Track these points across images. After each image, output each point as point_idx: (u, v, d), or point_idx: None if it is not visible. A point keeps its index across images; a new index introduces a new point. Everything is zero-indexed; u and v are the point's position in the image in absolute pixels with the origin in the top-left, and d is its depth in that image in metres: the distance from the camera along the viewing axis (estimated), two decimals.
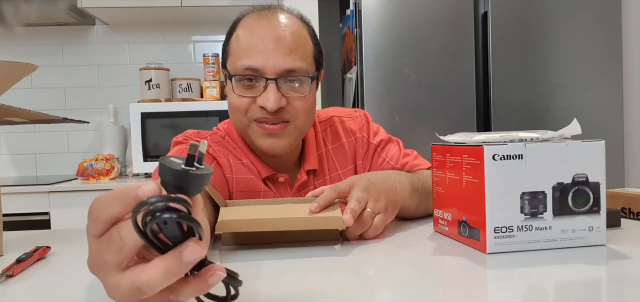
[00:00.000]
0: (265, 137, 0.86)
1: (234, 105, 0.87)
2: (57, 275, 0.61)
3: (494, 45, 1.89)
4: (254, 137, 0.88)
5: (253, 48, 0.83)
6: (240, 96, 0.85)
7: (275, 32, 0.84)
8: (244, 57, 0.84)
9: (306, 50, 0.87)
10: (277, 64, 0.83)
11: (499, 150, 0.62)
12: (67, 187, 1.99)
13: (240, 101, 0.86)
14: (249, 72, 0.84)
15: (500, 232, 0.63)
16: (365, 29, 1.86)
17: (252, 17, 0.87)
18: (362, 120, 1.05)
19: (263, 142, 0.87)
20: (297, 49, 0.85)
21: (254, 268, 0.60)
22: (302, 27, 0.88)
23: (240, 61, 0.84)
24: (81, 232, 0.87)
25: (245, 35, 0.85)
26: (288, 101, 0.85)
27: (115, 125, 2.46)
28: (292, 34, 0.85)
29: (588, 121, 1.92)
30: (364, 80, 1.87)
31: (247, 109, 0.86)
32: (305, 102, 0.87)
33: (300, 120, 0.88)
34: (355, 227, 0.71)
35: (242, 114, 0.87)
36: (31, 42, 2.51)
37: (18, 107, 0.69)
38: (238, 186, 0.91)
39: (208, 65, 2.42)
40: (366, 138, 1.03)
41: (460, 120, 1.90)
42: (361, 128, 1.03)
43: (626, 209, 0.85)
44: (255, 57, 0.83)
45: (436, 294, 0.49)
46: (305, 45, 0.87)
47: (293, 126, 0.88)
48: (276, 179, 0.94)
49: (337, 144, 1.01)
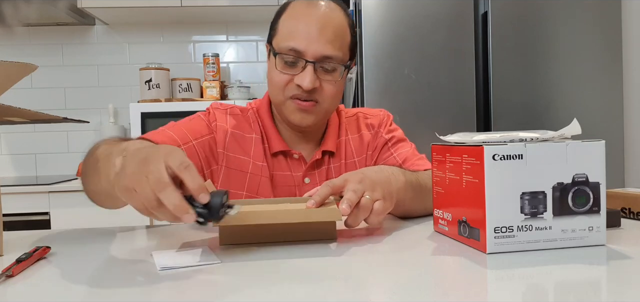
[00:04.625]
0: (297, 112, 0.97)
1: (275, 81, 0.97)
2: (57, 275, 0.61)
3: (494, 45, 1.89)
4: (288, 112, 0.98)
5: (298, 32, 0.93)
6: (281, 72, 0.95)
7: (320, 20, 0.93)
8: (290, 39, 0.94)
9: (344, 41, 0.97)
10: (317, 49, 0.93)
11: (499, 150, 0.62)
12: (67, 187, 1.99)
13: (281, 77, 0.96)
14: (292, 52, 0.93)
15: (500, 232, 0.63)
16: (365, 29, 1.86)
17: (301, 3, 0.97)
18: (383, 117, 1.13)
19: (295, 116, 0.97)
20: (336, 39, 0.94)
21: (253, 268, 0.60)
22: (343, 19, 0.97)
23: (286, 42, 0.94)
24: (81, 232, 0.87)
25: (293, 20, 0.95)
26: (320, 83, 0.95)
27: (116, 125, 2.46)
28: (334, 25, 0.94)
29: (588, 121, 1.92)
30: (364, 80, 1.87)
31: (285, 86, 0.96)
32: (334, 87, 0.97)
33: (327, 103, 0.98)
34: (355, 214, 0.72)
35: (280, 90, 0.96)
36: (31, 42, 2.51)
37: (18, 107, 0.69)
38: (228, 162, 1.01)
39: (208, 65, 2.42)
40: (381, 132, 1.10)
41: (460, 120, 1.90)
42: (380, 124, 1.11)
43: (626, 209, 0.85)
44: (299, 40, 0.93)
45: (436, 294, 0.49)
46: (343, 37, 0.97)
47: (320, 107, 0.98)
48: (291, 155, 1.04)
49: (356, 134, 1.10)
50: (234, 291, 0.52)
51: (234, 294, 0.51)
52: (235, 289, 0.52)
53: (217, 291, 0.53)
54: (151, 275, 0.59)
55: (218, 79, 2.44)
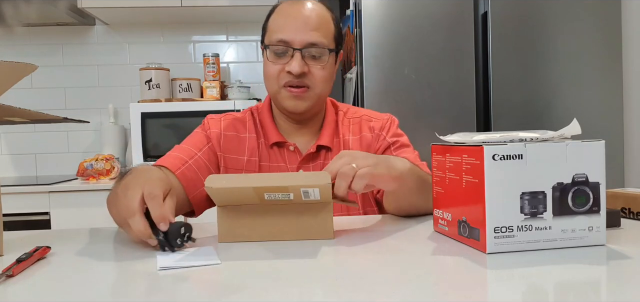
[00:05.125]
0: (290, 99, 1.04)
1: (268, 72, 1.05)
2: (57, 275, 0.61)
3: (494, 45, 1.89)
4: (282, 100, 1.05)
5: (285, 25, 1.03)
6: (273, 63, 1.04)
7: (305, 13, 1.03)
8: (278, 32, 1.03)
9: (328, 29, 1.05)
10: (303, 38, 1.01)
11: (499, 150, 0.62)
12: (67, 187, 1.99)
13: (273, 68, 1.04)
14: (281, 43, 1.02)
15: (500, 232, 0.63)
16: (365, 29, 1.86)
17: (286, 3, 1.07)
18: (388, 122, 1.15)
19: (289, 103, 1.04)
20: (320, 27, 1.03)
21: (252, 268, 0.60)
22: (325, 12, 1.07)
23: (275, 35, 1.03)
24: (81, 232, 0.87)
25: (281, 16, 1.05)
26: (309, 69, 1.03)
27: (116, 125, 2.46)
28: (316, 16, 1.04)
29: (588, 121, 1.92)
30: (364, 80, 1.87)
31: (278, 75, 1.04)
32: (323, 72, 1.04)
33: (318, 87, 1.05)
34: (337, 183, 0.74)
35: (274, 79, 1.04)
36: (31, 42, 2.51)
37: (18, 107, 0.69)
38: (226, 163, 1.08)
39: (208, 65, 2.42)
40: (384, 135, 1.12)
41: (460, 120, 1.90)
42: (382, 127, 1.13)
43: (626, 209, 0.85)
44: (286, 32, 1.02)
45: (436, 294, 0.49)
46: (327, 26, 1.05)
47: (312, 92, 1.05)
48: (286, 146, 1.09)
49: (358, 136, 1.12)
50: (234, 291, 0.52)
51: (233, 294, 0.51)
52: (235, 289, 0.52)
53: (217, 291, 0.53)
54: (151, 275, 0.59)
55: (218, 79, 2.44)
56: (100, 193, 1.97)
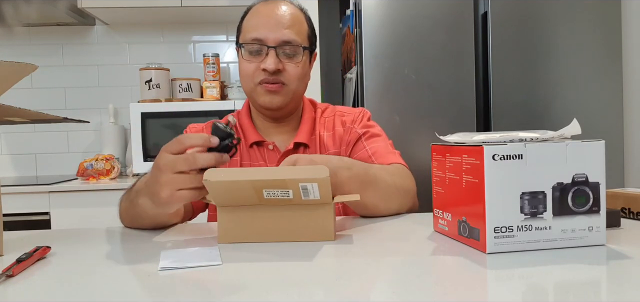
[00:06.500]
0: (266, 94, 1.06)
1: (244, 70, 1.08)
2: (57, 275, 0.61)
3: (494, 45, 1.89)
4: (257, 97, 1.07)
5: (259, 25, 1.05)
6: (248, 62, 1.06)
7: (278, 13, 1.06)
8: (252, 31, 1.06)
9: (301, 28, 1.09)
10: (277, 36, 1.04)
11: (498, 150, 0.62)
12: (67, 187, 1.99)
13: (248, 66, 1.06)
14: (255, 42, 1.05)
15: (500, 232, 0.63)
16: (365, 29, 1.86)
17: (260, 4, 1.10)
18: (359, 114, 1.17)
19: (264, 99, 1.07)
20: (293, 26, 1.06)
21: (252, 269, 0.60)
22: (299, 12, 1.10)
23: (249, 34, 1.06)
24: (81, 232, 0.87)
25: (254, 17, 1.08)
26: (284, 66, 1.06)
27: (116, 125, 2.46)
28: (290, 15, 1.07)
29: (588, 121, 1.92)
30: (364, 80, 1.87)
31: (253, 73, 1.06)
32: (297, 69, 1.07)
33: (294, 84, 1.08)
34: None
35: (249, 77, 1.07)
36: (31, 42, 2.51)
37: (18, 107, 0.69)
38: None
39: (208, 65, 2.42)
40: (354, 128, 1.14)
41: (460, 120, 1.90)
42: (354, 120, 1.16)
43: (626, 209, 0.85)
44: (261, 30, 1.05)
45: (436, 294, 0.49)
46: (300, 24, 1.09)
47: (288, 88, 1.07)
48: (265, 145, 1.12)
49: (331, 131, 1.15)
50: (234, 291, 0.52)
51: (234, 294, 0.51)
52: (235, 290, 0.53)
53: (218, 291, 0.53)
54: (151, 275, 0.59)
55: (218, 79, 2.44)
56: (100, 193, 1.97)
